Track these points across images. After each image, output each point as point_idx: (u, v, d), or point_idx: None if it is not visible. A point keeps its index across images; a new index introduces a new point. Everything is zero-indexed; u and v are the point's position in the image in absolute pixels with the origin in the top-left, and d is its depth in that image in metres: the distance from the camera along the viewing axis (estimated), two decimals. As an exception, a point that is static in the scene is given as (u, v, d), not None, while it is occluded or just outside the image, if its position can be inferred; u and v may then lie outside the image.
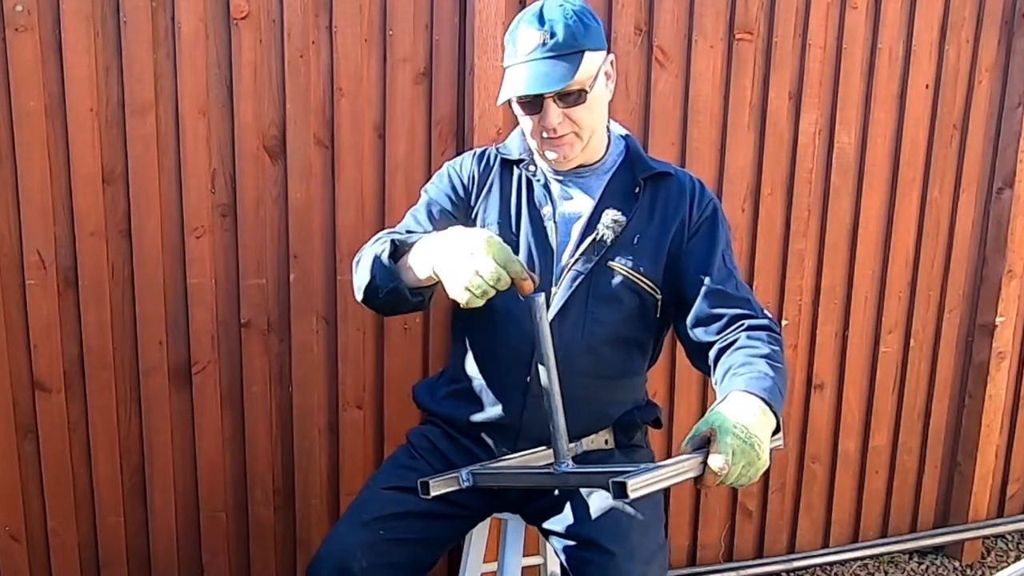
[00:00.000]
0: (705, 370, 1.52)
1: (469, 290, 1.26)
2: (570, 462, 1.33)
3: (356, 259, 1.55)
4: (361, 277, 1.49)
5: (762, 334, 1.45)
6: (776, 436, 1.31)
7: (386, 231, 1.58)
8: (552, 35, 1.43)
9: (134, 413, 2.02)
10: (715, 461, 1.19)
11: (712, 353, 1.48)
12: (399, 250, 1.45)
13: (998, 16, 2.53)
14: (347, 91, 2.02)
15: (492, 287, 1.27)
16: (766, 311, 1.53)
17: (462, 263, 1.28)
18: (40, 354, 1.93)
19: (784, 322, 2.49)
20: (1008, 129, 2.60)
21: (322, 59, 1.99)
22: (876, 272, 2.58)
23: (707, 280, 1.51)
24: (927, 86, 2.51)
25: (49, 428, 1.97)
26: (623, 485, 1.11)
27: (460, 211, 1.62)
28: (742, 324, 1.47)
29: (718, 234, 1.56)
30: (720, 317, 1.49)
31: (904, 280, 2.61)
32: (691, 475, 1.20)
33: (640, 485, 1.13)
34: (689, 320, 1.52)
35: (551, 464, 1.36)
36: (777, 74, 2.33)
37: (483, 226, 1.58)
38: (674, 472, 1.20)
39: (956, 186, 2.61)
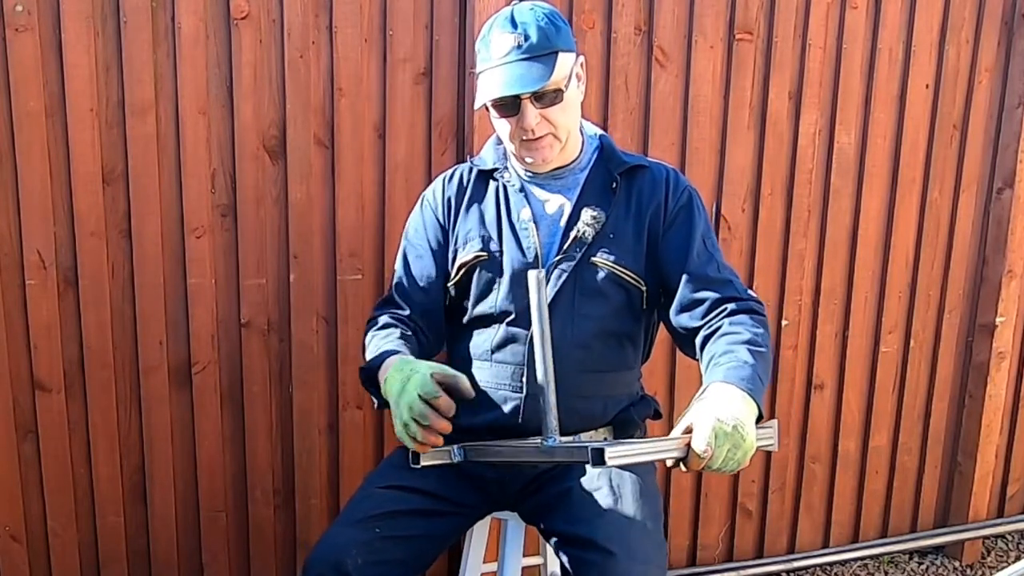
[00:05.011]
0: (693, 356, 1.53)
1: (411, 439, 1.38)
2: (558, 437, 1.33)
3: (364, 337, 1.64)
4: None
5: (745, 318, 1.46)
6: (769, 436, 1.32)
7: (381, 318, 1.65)
8: (527, 38, 1.45)
9: (134, 413, 2.02)
10: (698, 443, 1.22)
11: (698, 340, 1.49)
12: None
13: (998, 16, 2.53)
14: (347, 91, 2.02)
15: (415, 431, 1.36)
16: (750, 291, 1.53)
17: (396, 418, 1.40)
18: (40, 354, 1.93)
19: (784, 322, 2.49)
20: (1008, 129, 2.60)
21: (322, 59, 1.99)
22: (876, 272, 2.58)
23: (687, 266, 1.52)
24: (927, 86, 2.51)
25: (49, 428, 1.97)
26: (601, 452, 1.14)
27: (446, 241, 1.65)
28: (725, 308, 1.48)
29: (695, 220, 1.56)
30: (703, 301, 1.50)
31: (904, 280, 2.61)
32: (674, 455, 1.24)
33: (619, 454, 1.16)
34: (673, 307, 1.54)
35: (540, 439, 1.36)
36: (777, 74, 2.33)
37: (465, 242, 1.61)
38: (656, 449, 1.25)
39: (956, 186, 2.61)
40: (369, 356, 1.55)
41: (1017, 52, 2.56)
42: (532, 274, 1.31)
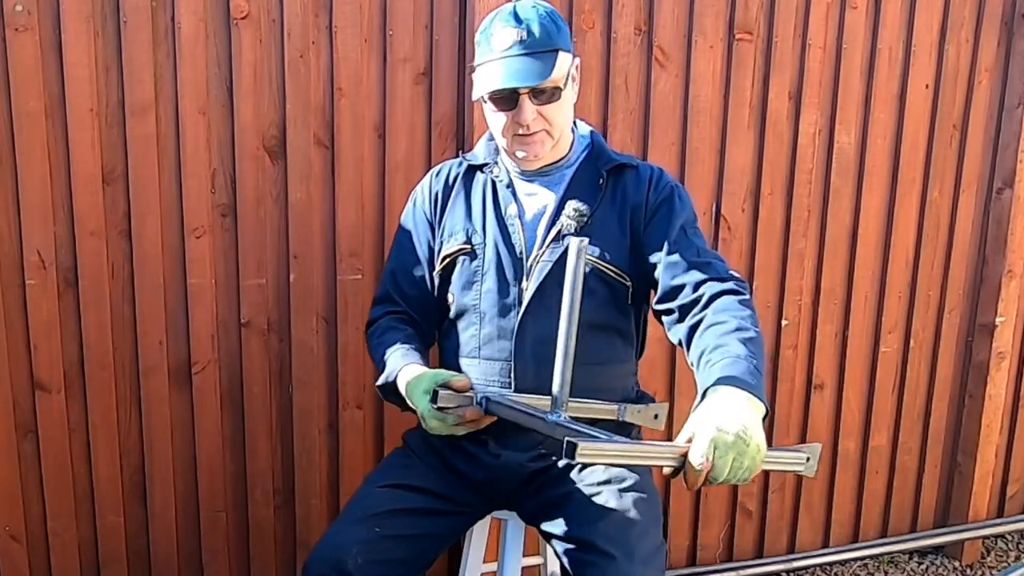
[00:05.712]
0: (683, 346, 1.50)
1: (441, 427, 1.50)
2: (565, 414, 1.31)
3: (368, 344, 1.72)
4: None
5: (728, 301, 1.42)
6: (802, 461, 1.26)
7: (381, 321, 1.72)
8: (529, 33, 1.47)
9: (134, 413, 2.02)
10: (694, 455, 1.17)
11: (683, 331, 1.46)
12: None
13: (998, 16, 2.53)
14: (347, 91, 2.02)
15: (449, 421, 1.48)
16: (732, 271, 1.51)
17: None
18: (40, 354, 1.93)
19: (784, 322, 2.49)
20: (1008, 129, 2.60)
21: (322, 59, 1.99)
22: (876, 272, 2.58)
23: (665, 253, 1.52)
24: (927, 86, 2.51)
25: (49, 428, 1.97)
26: (574, 446, 1.09)
27: (433, 235, 1.69)
28: (704, 294, 1.45)
29: (675, 211, 1.56)
30: (683, 286, 1.49)
31: (904, 280, 2.61)
32: (667, 463, 1.19)
33: (591, 451, 1.10)
34: (656, 296, 1.54)
35: (548, 412, 1.34)
36: (777, 74, 2.33)
37: (450, 235, 1.64)
38: (643, 453, 1.19)
39: (956, 186, 2.61)
40: (384, 372, 1.61)
41: (1017, 52, 2.56)
42: (574, 241, 1.32)
